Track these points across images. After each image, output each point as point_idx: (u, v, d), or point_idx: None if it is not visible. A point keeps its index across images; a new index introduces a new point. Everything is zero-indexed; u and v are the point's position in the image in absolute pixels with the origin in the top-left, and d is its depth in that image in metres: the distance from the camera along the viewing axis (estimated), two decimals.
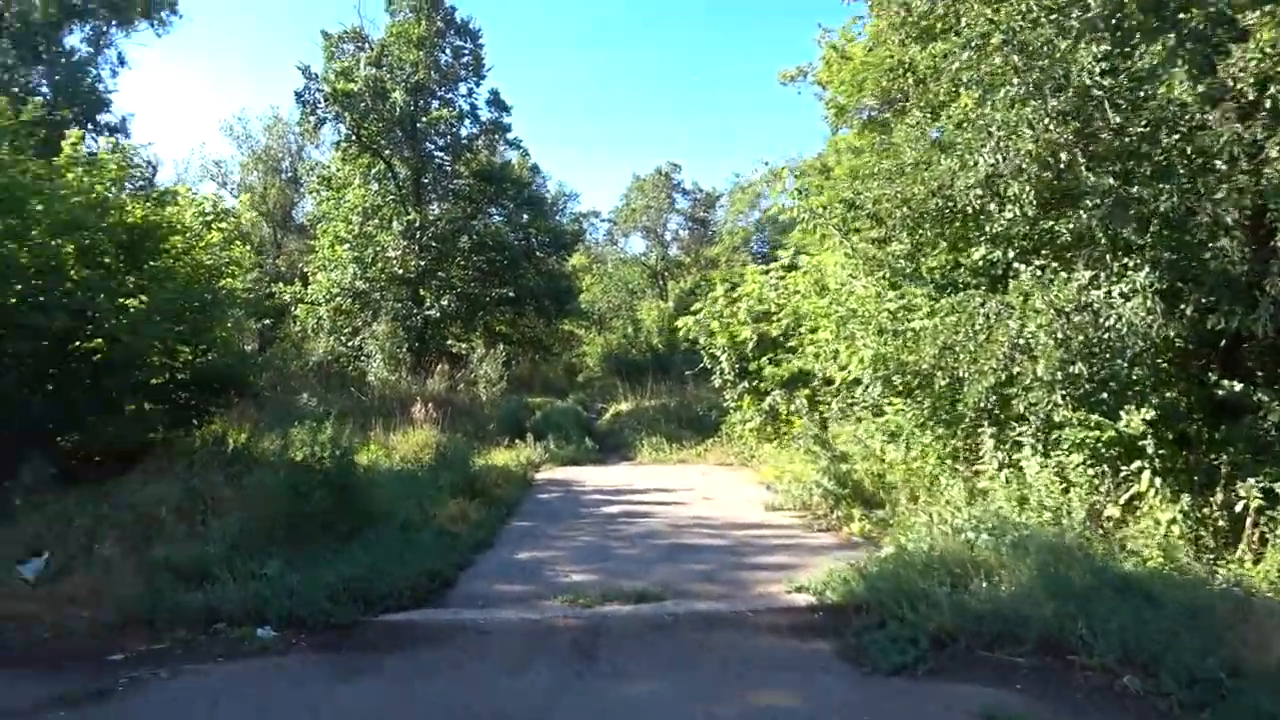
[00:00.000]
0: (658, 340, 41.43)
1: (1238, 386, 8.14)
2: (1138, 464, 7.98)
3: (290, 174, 42.62)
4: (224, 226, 13.95)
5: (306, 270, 31.59)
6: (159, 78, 73.96)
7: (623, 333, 45.53)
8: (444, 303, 28.63)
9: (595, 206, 74.48)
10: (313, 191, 32.76)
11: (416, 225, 28.44)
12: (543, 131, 65.38)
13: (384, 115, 28.77)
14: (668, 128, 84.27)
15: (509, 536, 10.45)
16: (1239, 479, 7.66)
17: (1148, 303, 7.97)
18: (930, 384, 9.70)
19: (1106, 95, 8.26)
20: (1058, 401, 8.37)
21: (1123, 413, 8.09)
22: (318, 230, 31.03)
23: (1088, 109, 8.40)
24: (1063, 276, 8.57)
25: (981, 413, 9.28)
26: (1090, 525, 7.74)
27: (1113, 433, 8.07)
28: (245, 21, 74.75)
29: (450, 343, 29.48)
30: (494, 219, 32.71)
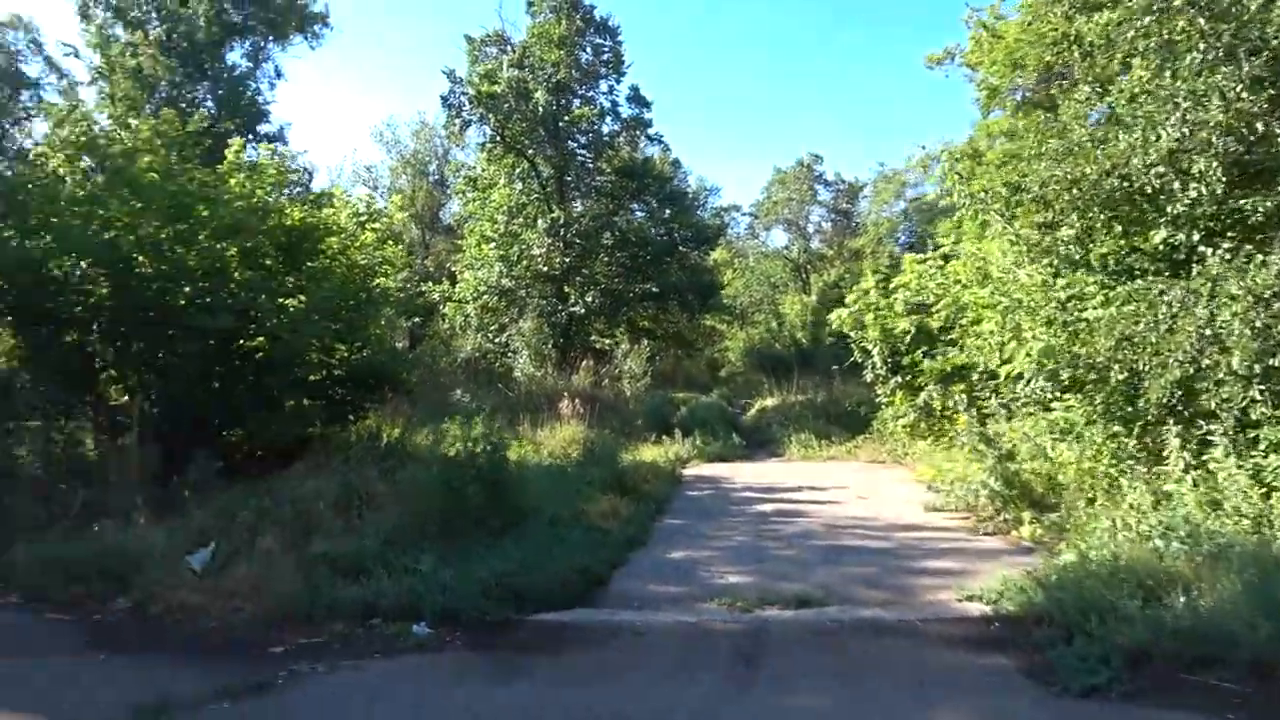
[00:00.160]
0: (802, 334, 40.64)
1: None
2: None
3: (437, 176, 43.81)
4: (377, 227, 14.22)
5: (454, 269, 32.29)
6: (312, 88, 77.40)
7: (765, 327, 44.87)
8: (588, 299, 28.78)
9: (736, 200, 73.81)
10: (459, 192, 33.48)
11: (560, 223, 28.66)
12: (683, 126, 65.22)
13: (527, 115, 29.09)
14: (809, 118, 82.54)
15: (661, 534, 10.24)
16: None
17: None
18: (1105, 378, 8.96)
19: None
20: (1255, 397, 7.64)
21: None
22: (464, 230, 31.72)
23: None
24: (1259, 260, 7.76)
25: (1164, 409, 8.50)
26: None
27: None
28: (392, 30, 77.41)
29: (594, 339, 29.64)
30: (636, 215, 32.67)
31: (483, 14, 65.08)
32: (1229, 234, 8.67)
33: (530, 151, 30.00)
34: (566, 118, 30.10)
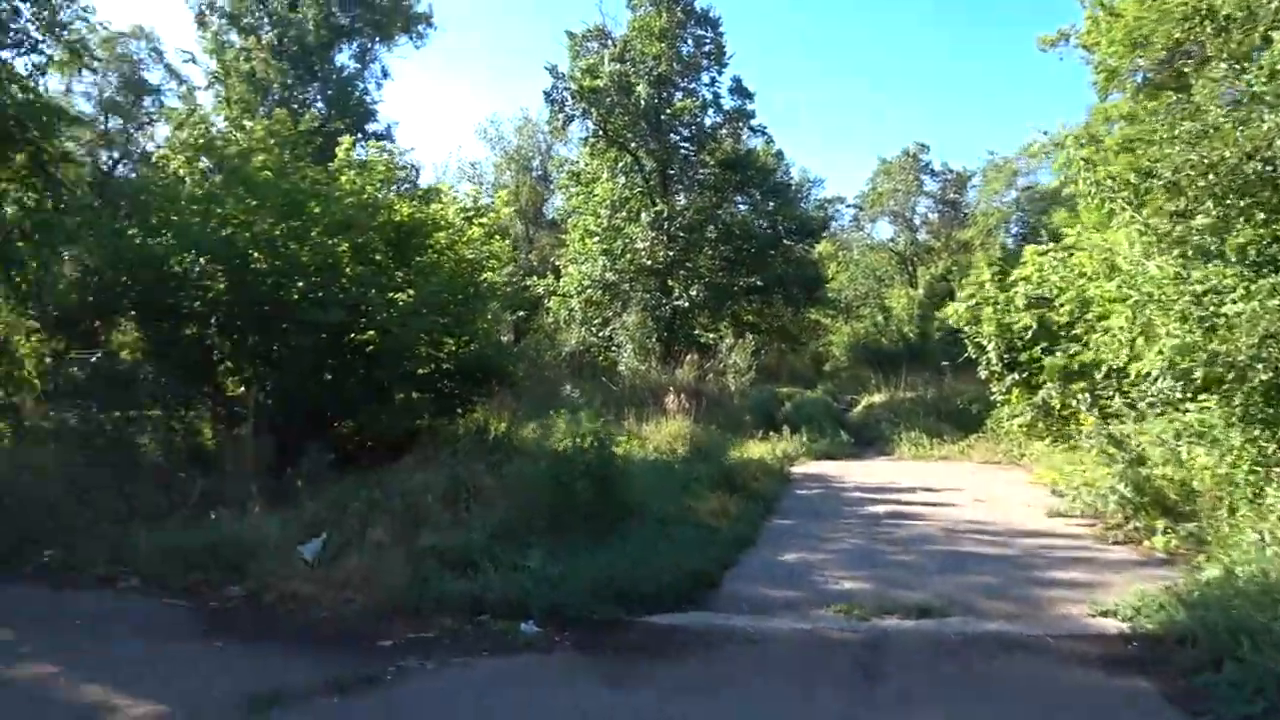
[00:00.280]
0: (909, 329, 39.63)
1: None
2: None
3: (540, 172, 44.20)
4: (484, 221, 14.27)
5: (558, 263, 32.46)
6: (417, 87, 78.65)
7: (871, 321, 43.87)
8: (692, 292, 28.59)
9: (840, 192, 72.50)
10: (562, 187, 33.67)
11: (664, 216, 28.54)
12: (785, 117, 64.32)
13: (629, 109, 29.10)
14: (915, 106, 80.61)
15: (771, 535, 9.95)
16: None
17: None
18: (1245, 378, 8.30)
19: None
20: None
21: None
22: (568, 224, 31.86)
23: None
24: None
25: None
26: None
27: None
28: (494, 28, 78.40)
29: (698, 333, 29.39)
30: (740, 207, 32.30)
31: (584, 9, 65.12)
32: None
33: (633, 145, 29.98)
34: (669, 111, 30.00)
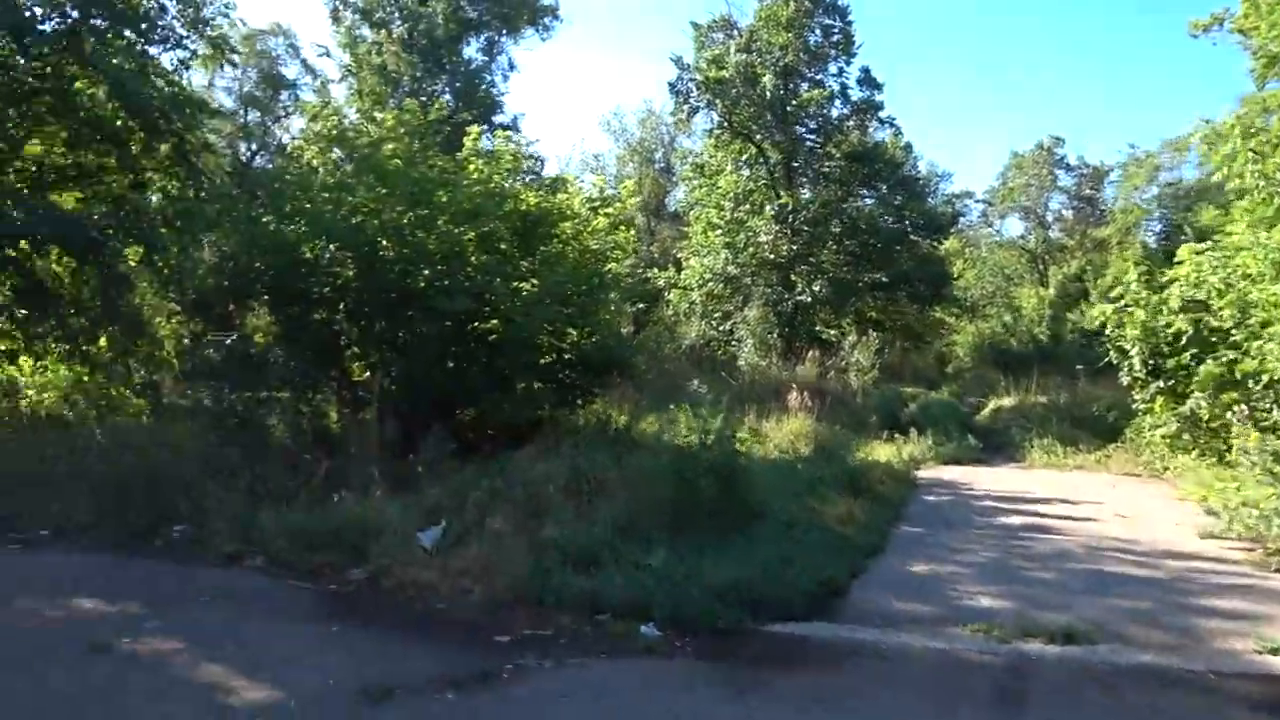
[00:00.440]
0: (1039, 330, 38.01)
1: None
2: None
3: (663, 164, 44.00)
4: (609, 212, 14.12)
5: (679, 256, 32.25)
6: (542, 79, 79.51)
7: (999, 321, 42.25)
8: (815, 287, 27.95)
9: (968, 187, 70.13)
10: (685, 179, 33.43)
11: (788, 209, 28.00)
12: (912, 108, 62.42)
13: (754, 100, 28.65)
14: (1049, 98, 77.21)
15: (899, 543, 9.52)
16: None
17: None
18: None
19: None
20: None
21: None
22: (690, 217, 31.59)
23: None
24: None
25: None
26: None
27: None
28: (618, 20, 78.42)
29: (819, 329, 28.76)
30: (866, 201, 31.47)
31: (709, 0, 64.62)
32: None
33: (758, 137, 29.52)
34: (795, 102, 29.39)
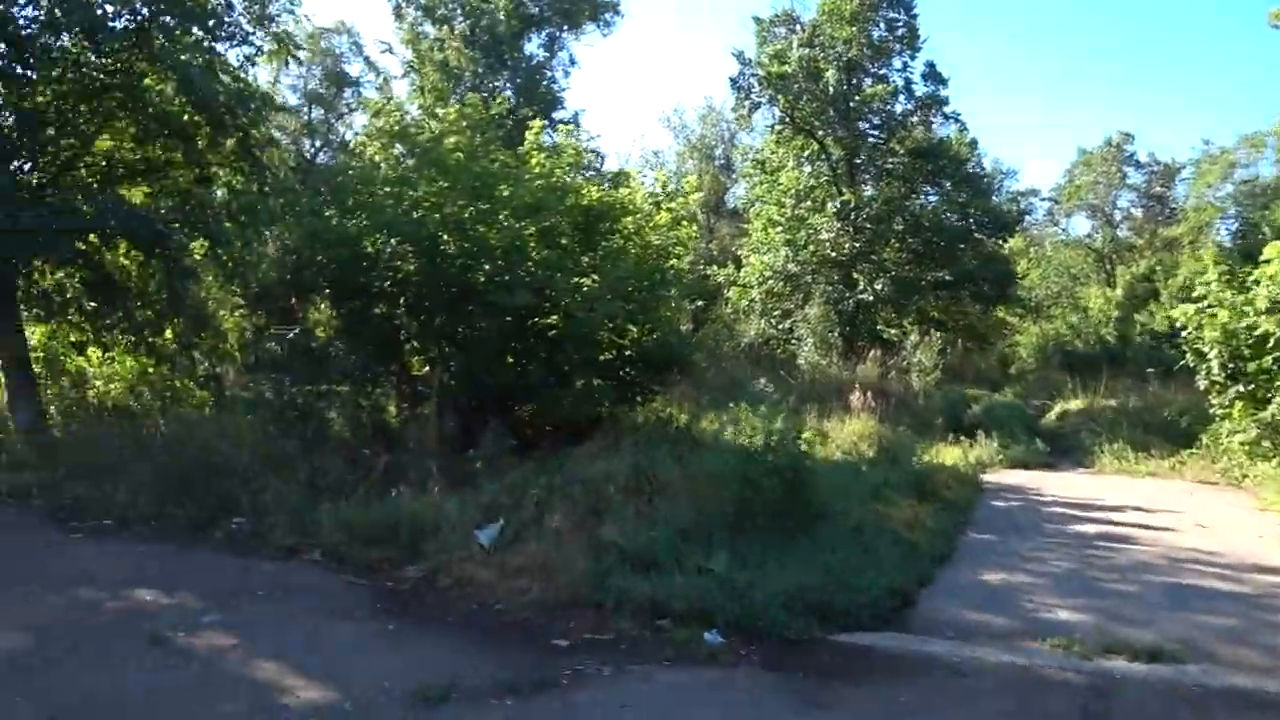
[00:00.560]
0: (1107, 331, 37.04)
1: None
2: None
3: (723, 161, 43.72)
4: (672, 207, 13.94)
5: (739, 253, 31.98)
6: (602, 75, 79.12)
7: (1064, 321, 41.24)
8: (877, 286, 27.47)
9: (1034, 184, 68.67)
10: (746, 175, 33.13)
11: (851, 206, 27.58)
12: (975, 102, 61.09)
13: (817, 95, 28.31)
14: (1119, 93, 74.94)
15: (969, 550, 9.19)
16: None
17: None
18: None
19: None
20: None
21: None
22: (750, 214, 31.31)
23: None
24: None
25: None
26: None
27: None
28: (678, 15, 78.13)
29: (881, 328, 28.29)
30: (929, 198, 30.88)
31: None
32: None
33: (820, 133, 29.13)
34: (858, 97, 29.00)
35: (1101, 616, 6.85)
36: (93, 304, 13.38)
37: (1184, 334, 16.14)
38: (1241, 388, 14.68)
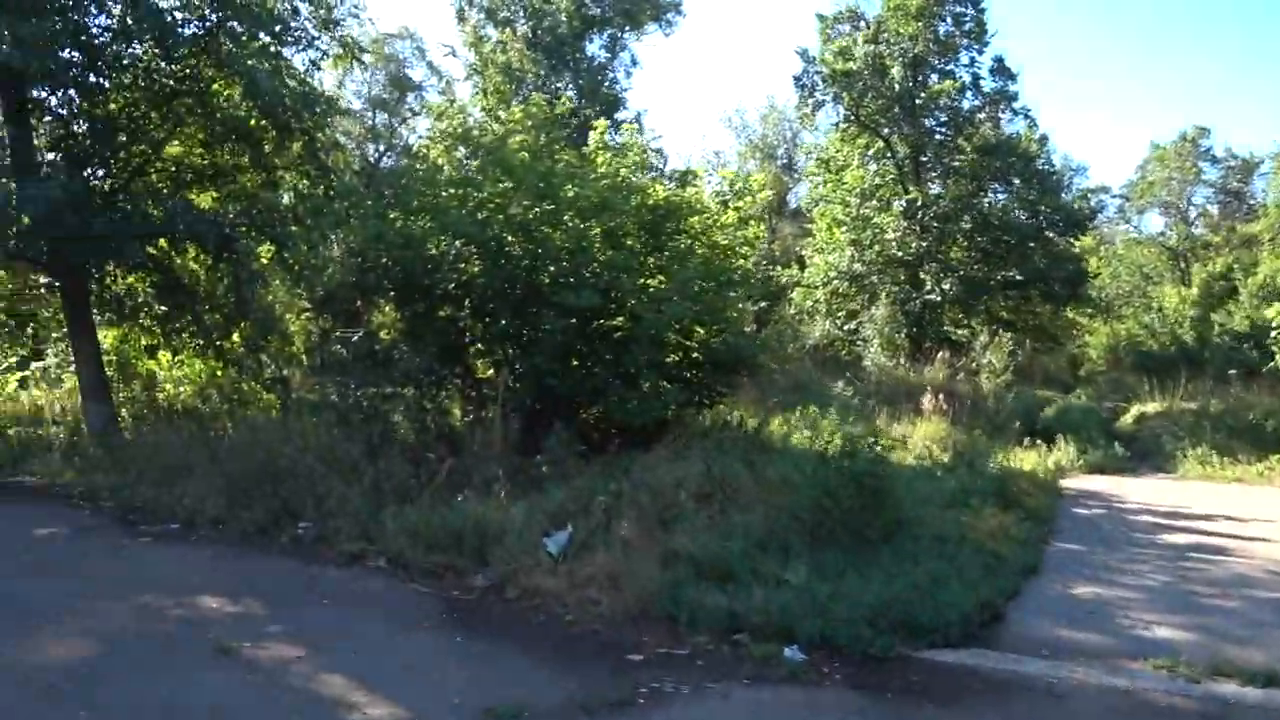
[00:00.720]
0: (1183, 331, 35.84)
1: None
2: None
3: (785, 160, 43.26)
4: (740, 206, 13.66)
5: (802, 253, 31.56)
6: (662, 75, 78.69)
7: (1136, 321, 40.02)
8: (944, 286, 26.87)
9: (1104, 181, 66.69)
10: (810, 174, 32.67)
11: (917, 205, 27.02)
12: (1045, 97, 59.51)
13: (882, 92, 27.88)
14: (1193, 87, 72.63)
15: (1055, 561, 8.76)
16: None
17: None
18: None
19: None
20: None
21: None
22: (814, 213, 30.86)
23: None
24: None
25: None
26: None
27: None
28: (740, 14, 77.69)
29: (948, 328, 27.67)
30: (998, 196, 30.11)
31: None
32: None
33: (885, 130, 28.67)
34: (924, 94, 28.45)
35: (1205, 635, 6.44)
36: (163, 308, 13.53)
37: (1275, 333, 15.53)
38: None
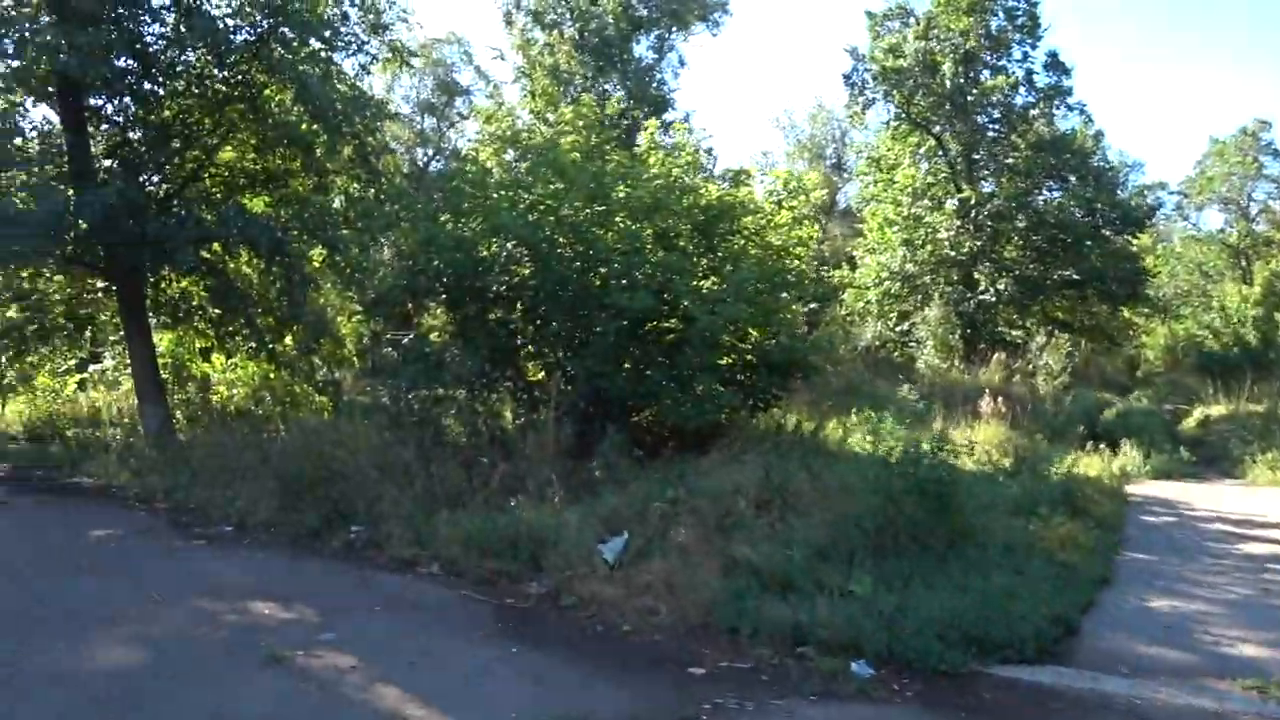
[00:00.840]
0: (1246, 331, 34.83)
1: None
2: None
3: (834, 160, 42.88)
4: (794, 205, 13.43)
5: (853, 253, 31.16)
6: (710, 75, 78.18)
7: (1195, 321, 38.94)
8: (999, 286, 26.35)
9: (1160, 177, 65.19)
10: (860, 174, 32.26)
11: (970, 203, 26.53)
12: (1099, 91, 58.13)
13: (933, 89, 27.49)
14: (1253, 78, 70.51)
15: (1128, 572, 8.40)
16: None
17: None
18: None
19: None
20: None
21: None
22: (864, 213, 30.45)
23: None
24: None
25: None
26: None
27: None
28: (786, 12, 77.06)
29: (1002, 329, 27.12)
30: (1053, 194, 29.47)
31: None
32: None
33: (937, 128, 28.24)
34: (976, 90, 27.89)
35: None
36: (217, 311, 13.62)
37: None
38: None
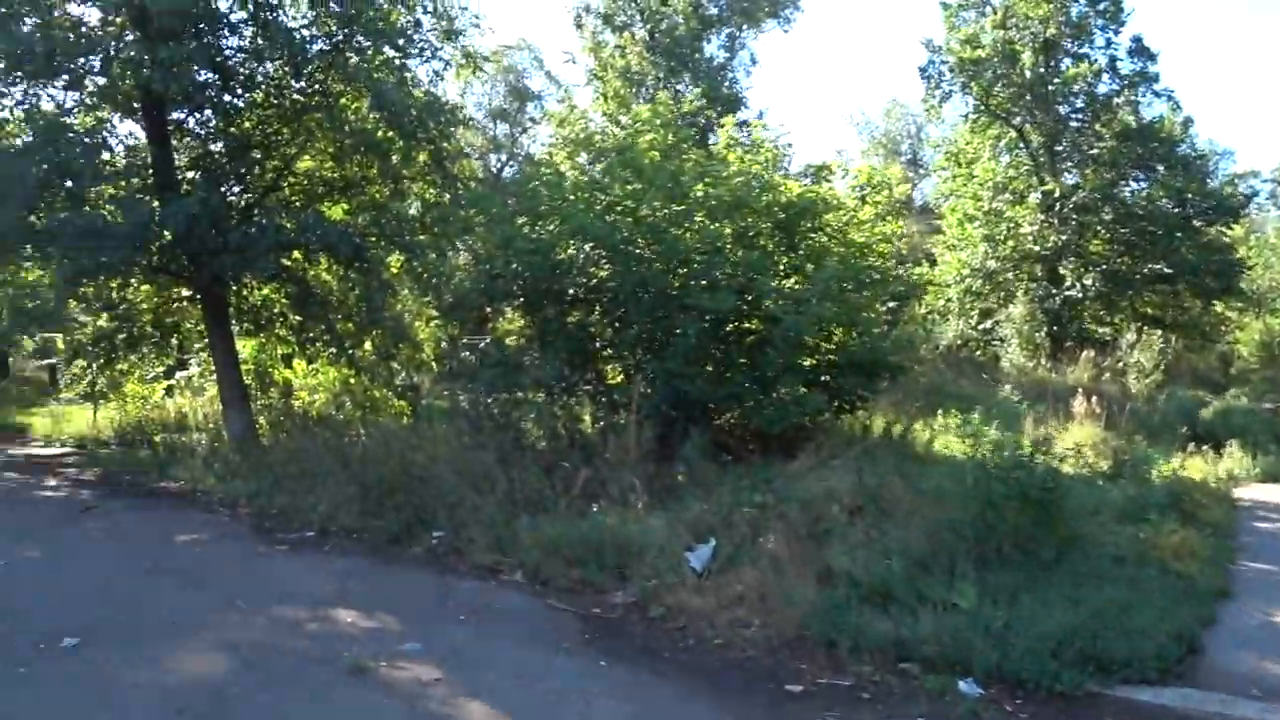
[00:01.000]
0: None
1: None
2: None
3: (909, 156, 42.16)
4: (878, 200, 13.05)
5: (932, 250, 30.45)
6: (782, 72, 77.24)
7: None
8: (1086, 281, 25.47)
9: (1253, 165, 62.43)
10: (938, 169, 31.52)
11: (1054, 196, 25.71)
12: (1186, 76, 55.83)
13: (1013, 80, 26.75)
14: None
15: (1248, 583, 7.86)
16: None
17: None
18: None
19: None
20: None
21: None
22: (944, 209, 29.73)
23: None
24: None
25: None
26: None
27: None
28: (858, 6, 75.87)
29: (1090, 326, 26.19)
30: (1140, 184, 28.39)
31: None
32: None
33: (1017, 120, 27.45)
34: (1057, 79, 27.12)
35: None
36: (297, 318, 13.78)
37: None
38: None
